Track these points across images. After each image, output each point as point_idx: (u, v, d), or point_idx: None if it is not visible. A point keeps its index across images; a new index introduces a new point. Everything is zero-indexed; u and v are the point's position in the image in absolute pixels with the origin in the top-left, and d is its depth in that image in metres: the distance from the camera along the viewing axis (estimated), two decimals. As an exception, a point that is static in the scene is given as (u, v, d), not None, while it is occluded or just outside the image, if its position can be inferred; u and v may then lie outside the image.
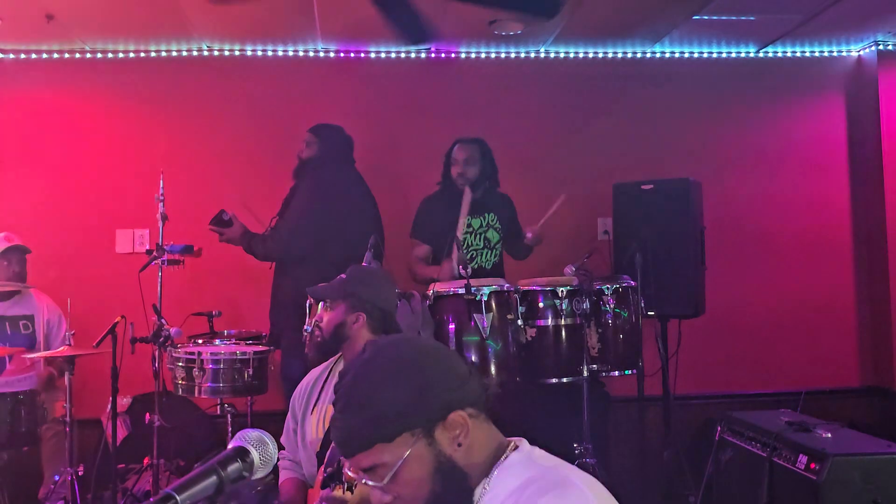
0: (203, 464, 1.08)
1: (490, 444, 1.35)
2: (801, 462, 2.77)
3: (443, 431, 1.29)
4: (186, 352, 3.68)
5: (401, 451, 1.27)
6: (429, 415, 1.28)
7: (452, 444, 1.29)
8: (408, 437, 1.27)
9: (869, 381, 5.20)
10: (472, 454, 1.32)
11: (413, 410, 1.27)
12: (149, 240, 4.67)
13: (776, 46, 5.15)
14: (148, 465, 3.92)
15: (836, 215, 5.25)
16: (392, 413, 1.26)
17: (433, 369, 1.31)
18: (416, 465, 1.28)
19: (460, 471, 1.30)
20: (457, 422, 1.29)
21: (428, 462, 1.28)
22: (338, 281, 2.68)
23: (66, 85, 4.92)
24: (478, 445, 1.32)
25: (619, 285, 3.70)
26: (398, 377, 1.29)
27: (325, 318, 2.64)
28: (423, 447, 1.28)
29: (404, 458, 1.27)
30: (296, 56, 5.03)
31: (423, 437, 1.27)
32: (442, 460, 1.29)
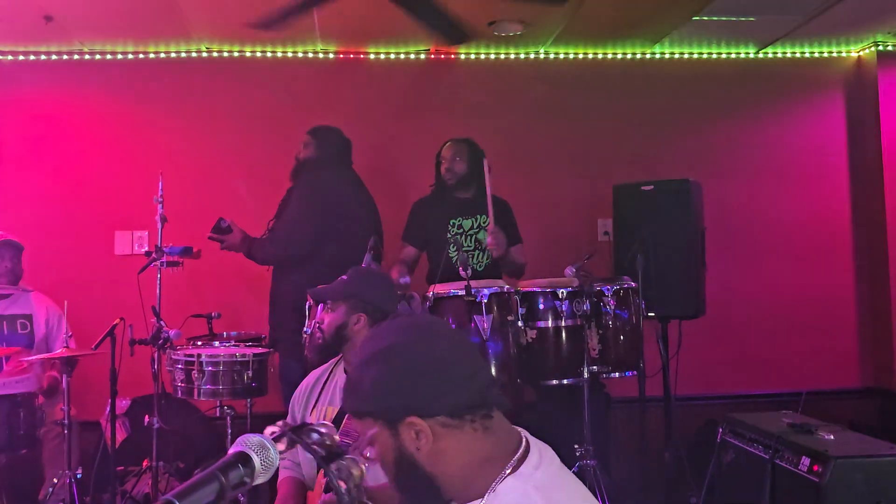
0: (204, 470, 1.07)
1: (473, 458, 1.29)
2: (803, 464, 2.76)
3: (404, 430, 1.29)
4: (186, 354, 3.67)
5: (366, 432, 1.33)
6: (388, 412, 1.29)
7: (412, 445, 1.29)
8: (369, 422, 1.32)
9: (869, 381, 5.20)
10: (441, 462, 1.29)
11: (374, 402, 1.30)
12: (148, 241, 4.66)
13: (776, 47, 5.15)
14: (147, 468, 3.90)
15: (836, 216, 5.25)
16: (362, 393, 1.32)
17: (412, 370, 1.29)
18: (382, 446, 1.32)
19: (423, 472, 1.29)
20: (413, 427, 1.28)
21: (389, 450, 1.31)
22: (339, 282, 2.68)
23: (64, 86, 4.91)
24: (452, 455, 1.29)
25: (619, 286, 3.68)
26: (376, 361, 1.31)
27: (325, 320, 2.64)
28: (387, 435, 1.30)
29: (371, 433, 1.32)
30: (295, 57, 5.02)
31: (386, 427, 1.30)
32: (403, 454, 1.30)
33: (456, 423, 1.28)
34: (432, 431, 1.28)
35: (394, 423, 1.29)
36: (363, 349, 1.36)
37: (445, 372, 1.30)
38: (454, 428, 1.28)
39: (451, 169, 4.13)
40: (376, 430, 1.31)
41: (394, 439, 1.30)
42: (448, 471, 1.30)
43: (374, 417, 1.31)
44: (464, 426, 1.29)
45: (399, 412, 1.28)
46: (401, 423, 1.28)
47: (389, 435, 1.30)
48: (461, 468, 1.29)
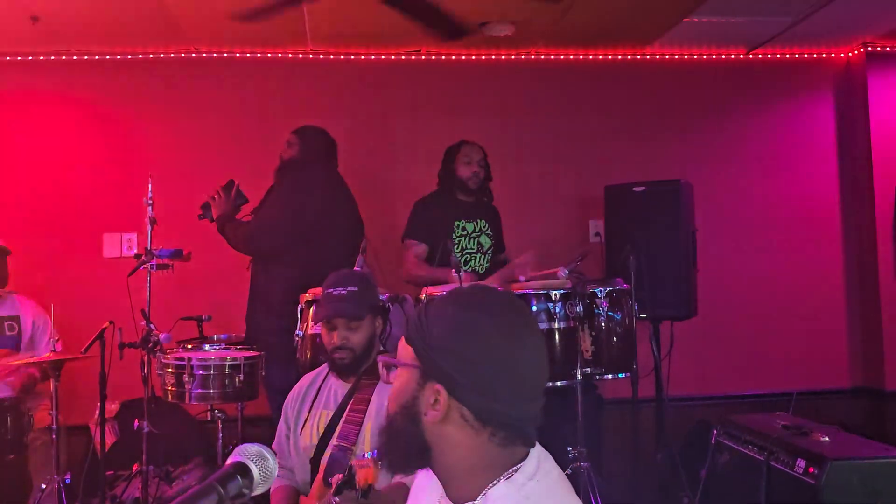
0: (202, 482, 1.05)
1: (474, 460, 1.26)
2: (798, 466, 2.75)
3: (430, 390, 1.26)
4: (176, 357, 3.63)
5: (401, 357, 1.32)
6: (430, 363, 1.26)
7: (425, 406, 1.27)
8: (410, 355, 1.30)
9: (859, 381, 5.22)
10: (442, 443, 1.27)
11: (428, 348, 1.27)
12: (137, 244, 4.62)
13: (766, 48, 5.16)
14: (137, 472, 3.86)
15: (825, 216, 5.27)
16: (424, 330, 1.28)
17: (482, 353, 1.24)
18: (400, 380, 1.31)
19: (420, 435, 1.27)
20: (436, 394, 1.25)
21: (405, 391, 1.29)
22: (356, 295, 2.60)
23: (52, 87, 4.87)
24: (453, 445, 1.26)
25: (612, 288, 3.67)
26: (464, 320, 1.26)
27: (352, 336, 2.58)
28: (413, 377, 1.28)
29: (396, 361, 1.32)
30: (285, 58, 4.99)
31: (415, 370, 1.28)
32: (413, 405, 1.28)
33: (476, 424, 1.25)
34: (448, 412, 1.25)
35: (426, 376, 1.27)
36: (460, 296, 1.33)
37: (507, 379, 1.24)
38: (470, 426, 1.25)
39: (479, 175, 4.13)
40: (409, 365, 1.29)
41: (416, 386, 1.28)
42: (446, 459, 1.27)
43: (417, 356, 1.28)
44: (482, 432, 1.25)
45: (436, 372, 1.26)
46: (429, 381, 1.26)
47: (416, 380, 1.28)
48: (459, 462, 1.27)
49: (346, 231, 4.00)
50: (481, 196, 4.23)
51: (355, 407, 2.50)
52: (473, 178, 4.14)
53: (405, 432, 1.27)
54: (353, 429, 2.46)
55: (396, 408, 1.30)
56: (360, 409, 2.48)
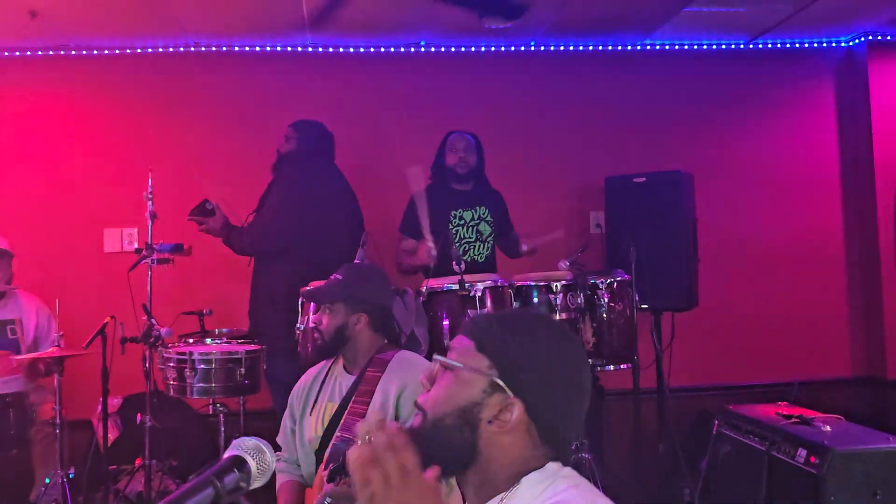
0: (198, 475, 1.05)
1: (519, 464, 1.28)
2: (800, 456, 2.75)
3: (498, 399, 1.26)
4: (177, 352, 3.64)
5: (470, 362, 1.28)
6: (509, 378, 1.26)
7: (489, 414, 1.26)
8: (484, 364, 1.28)
9: (861, 370, 5.21)
10: (496, 448, 1.27)
11: (508, 361, 1.27)
12: (137, 239, 4.61)
13: (766, 38, 5.14)
14: (140, 466, 3.87)
15: (826, 206, 5.25)
16: (504, 343, 1.29)
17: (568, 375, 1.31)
18: (461, 384, 1.28)
19: (472, 439, 1.26)
20: (510, 409, 1.26)
21: (466, 395, 1.27)
22: (334, 282, 2.63)
23: (51, 82, 4.85)
24: (507, 450, 1.27)
25: (613, 279, 3.68)
26: (538, 344, 1.30)
27: (324, 321, 2.60)
28: (479, 384, 1.27)
29: (462, 365, 1.28)
30: (284, 52, 4.98)
31: (487, 379, 1.27)
32: (473, 411, 1.26)
33: (538, 441, 1.28)
34: (515, 427, 1.26)
35: (500, 386, 1.26)
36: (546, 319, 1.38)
37: (578, 405, 1.31)
38: (531, 440, 1.28)
39: (465, 160, 4.13)
40: (482, 373, 1.27)
41: (480, 393, 1.27)
42: (490, 465, 1.28)
43: (498, 367, 1.27)
44: (538, 448, 1.28)
45: (518, 387, 1.26)
46: (500, 392, 1.26)
47: (481, 387, 1.27)
48: (502, 469, 1.28)
49: (346, 225, 3.99)
50: (478, 183, 4.22)
51: (359, 399, 2.50)
52: (461, 164, 4.14)
53: (457, 435, 1.26)
54: (357, 420, 2.46)
55: (449, 409, 1.27)
56: (364, 401, 2.49)
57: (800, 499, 2.74)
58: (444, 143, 4.21)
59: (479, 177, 4.24)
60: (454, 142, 4.19)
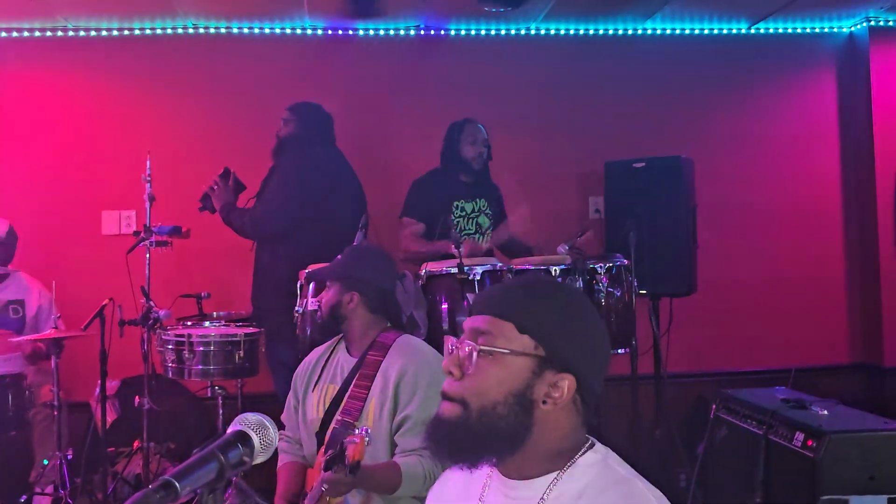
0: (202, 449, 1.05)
1: (568, 436, 1.30)
2: (797, 439, 2.76)
3: (549, 377, 1.26)
4: (176, 334, 3.64)
5: (514, 345, 1.26)
6: (556, 354, 1.26)
7: (541, 393, 1.26)
8: (529, 344, 1.26)
9: (858, 357, 5.23)
10: (548, 425, 1.27)
11: (552, 337, 1.27)
12: (136, 221, 4.61)
13: (768, 23, 5.12)
14: (138, 449, 3.89)
15: (826, 192, 5.25)
16: (543, 319, 1.27)
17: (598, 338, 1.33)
18: (508, 369, 1.26)
19: (527, 421, 1.26)
20: (562, 385, 1.26)
21: (516, 379, 1.26)
22: (333, 262, 2.68)
23: (49, 64, 4.82)
24: (558, 425, 1.28)
25: (612, 264, 3.67)
26: (572, 313, 1.30)
27: (322, 299, 2.65)
28: (527, 365, 1.26)
29: (510, 349, 1.26)
30: (283, 34, 4.95)
31: (535, 359, 1.26)
32: (525, 394, 1.26)
33: (582, 409, 1.30)
34: (567, 402, 1.27)
35: (547, 365, 1.26)
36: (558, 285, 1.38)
37: (606, 365, 1.34)
38: (577, 410, 1.29)
39: (482, 155, 4.12)
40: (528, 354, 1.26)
41: (531, 374, 1.26)
42: (541, 441, 1.28)
43: (542, 344, 1.26)
44: (581, 415, 1.30)
45: (565, 363, 1.27)
46: (549, 370, 1.26)
47: (530, 368, 1.26)
48: (552, 443, 1.28)
49: (349, 208, 3.98)
50: (481, 175, 4.22)
51: (360, 383, 2.50)
52: (478, 159, 4.12)
53: (512, 422, 1.25)
54: (356, 404, 2.47)
55: (500, 396, 1.25)
56: (364, 384, 2.49)
57: (797, 482, 2.75)
58: (461, 131, 4.14)
59: (485, 169, 4.23)
60: (473, 133, 4.13)
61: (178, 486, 0.99)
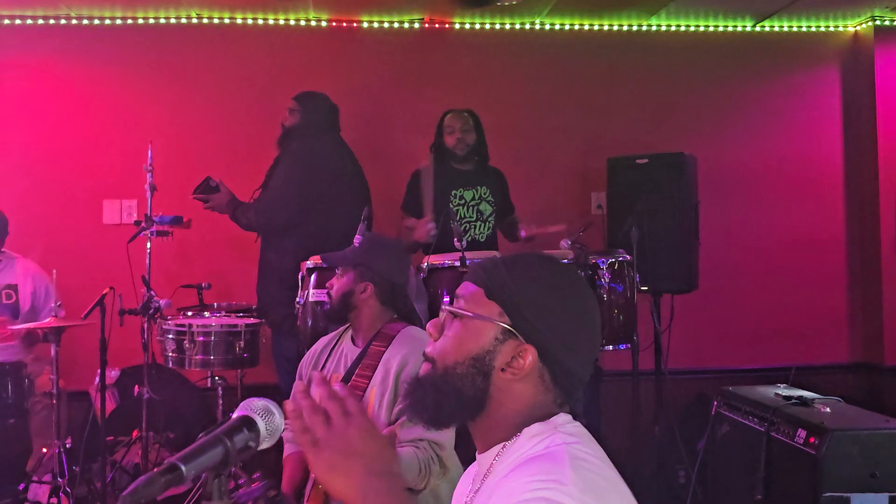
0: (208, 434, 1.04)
1: (529, 411, 1.27)
2: (799, 436, 2.75)
3: (512, 346, 1.26)
4: (176, 324, 3.63)
5: (480, 310, 1.28)
6: (522, 324, 1.26)
7: (502, 362, 1.26)
8: (494, 310, 1.27)
9: (858, 356, 5.22)
10: (507, 395, 1.27)
11: (520, 307, 1.27)
12: (137, 210, 4.60)
13: (773, 21, 5.10)
14: (137, 438, 3.88)
15: (829, 192, 5.24)
16: (514, 289, 1.28)
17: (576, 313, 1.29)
18: (472, 332, 1.28)
19: (485, 387, 1.26)
20: (523, 354, 1.26)
21: (477, 343, 1.27)
22: (350, 249, 2.67)
23: (51, 52, 4.80)
24: (518, 397, 1.27)
25: (614, 259, 3.67)
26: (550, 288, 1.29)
27: (334, 285, 2.62)
28: (490, 332, 1.27)
29: (473, 313, 1.28)
30: (287, 25, 4.93)
31: (498, 327, 1.26)
32: (485, 359, 1.26)
33: (550, 385, 1.28)
34: (529, 373, 1.26)
35: (511, 334, 1.26)
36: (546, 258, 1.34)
37: (589, 343, 1.31)
38: (543, 385, 1.28)
39: (464, 140, 4.13)
40: (492, 320, 1.26)
41: (492, 340, 1.27)
42: (501, 411, 1.27)
43: (507, 313, 1.27)
44: (550, 392, 1.28)
45: (530, 333, 1.26)
46: (512, 339, 1.26)
47: (493, 335, 1.27)
48: (513, 416, 1.27)
49: (353, 198, 3.96)
50: (480, 162, 4.21)
51: (361, 373, 2.50)
52: (459, 145, 4.13)
53: (469, 384, 1.26)
54: (357, 394, 2.46)
55: (460, 358, 1.27)
56: (365, 374, 2.49)
57: (798, 479, 2.75)
58: (441, 123, 4.19)
59: (479, 155, 4.23)
60: (451, 122, 4.17)
61: (183, 469, 0.98)
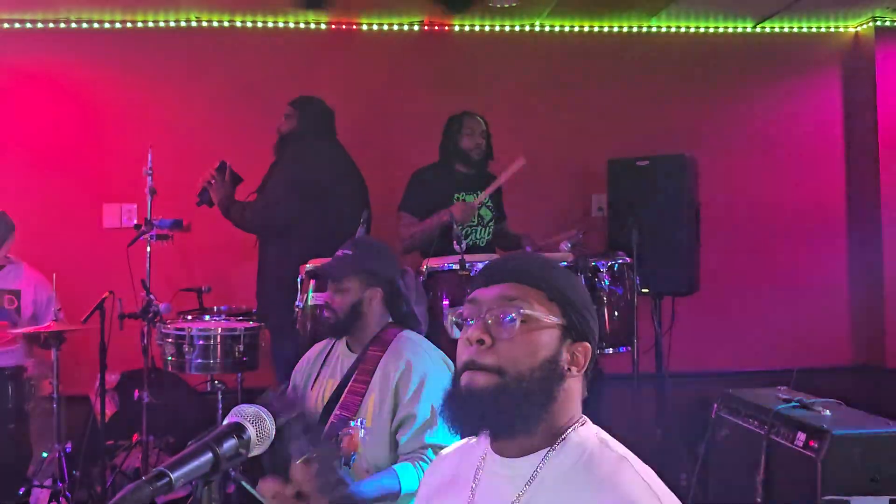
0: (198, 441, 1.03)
1: (573, 407, 1.31)
2: (799, 439, 2.75)
3: (569, 346, 1.30)
4: (176, 328, 3.63)
5: (549, 311, 1.29)
6: (576, 323, 1.30)
7: (566, 362, 1.29)
8: (557, 311, 1.29)
9: (861, 358, 5.20)
10: (569, 394, 1.30)
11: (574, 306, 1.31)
12: (137, 214, 4.60)
13: (773, 22, 5.09)
14: (137, 442, 3.89)
15: (830, 192, 5.23)
16: (565, 288, 1.32)
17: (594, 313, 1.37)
18: (544, 335, 1.28)
19: (557, 388, 1.27)
20: (580, 353, 1.30)
21: (549, 345, 1.28)
22: (347, 257, 2.56)
23: (52, 56, 4.80)
24: (575, 395, 1.31)
25: (614, 262, 3.65)
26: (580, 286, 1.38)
27: (336, 299, 2.52)
28: (556, 332, 1.29)
29: (545, 318, 1.28)
30: (286, 28, 4.94)
31: (563, 326, 1.29)
32: (557, 360, 1.28)
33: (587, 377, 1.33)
34: (583, 370, 1.31)
35: (570, 334, 1.30)
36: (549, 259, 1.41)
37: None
38: (585, 378, 1.33)
39: (481, 146, 4.11)
40: (555, 324, 1.28)
41: (558, 342, 1.29)
42: (558, 412, 1.28)
43: (564, 314, 1.30)
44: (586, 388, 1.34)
45: (584, 332, 1.31)
46: (570, 339, 1.30)
47: (558, 337, 1.29)
48: (565, 414, 1.30)
49: (351, 203, 3.96)
50: (482, 168, 4.21)
51: (359, 378, 2.48)
52: (476, 150, 4.11)
53: (546, 388, 1.27)
54: (355, 399, 2.45)
55: (535, 363, 1.26)
56: (364, 379, 2.47)
57: (798, 482, 2.74)
58: (461, 123, 4.14)
59: (485, 160, 4.22)
60: (472, 125, 4.13)
61: (171, 477, 0.97)
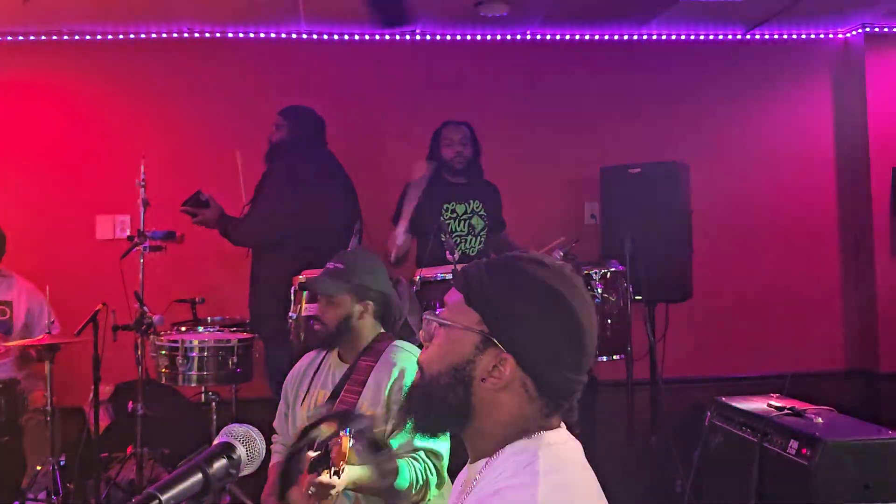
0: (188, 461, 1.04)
1: (515, 422, 1.25)
2: (791, 447, 2.75)
3: (491, 356, 1.24)
4: (170, 340, 3.63)
5: (460, 318, 1.26)
6: (501, 333, 1.23)
7: (483, 372, 1.24)
8: (474, 318, 1.25)
9: (854, 363, 5.22)
10: (491, 405, 1.24)
11: (499, 314, 1.24)
12: (130, 226, 4.60)
13: (763, 29, 5.12)
14: (131, 454, 3.87)
15: (822, 198, 5.25)
16: (493, 295, 1.25)
17: (557, 323, 1.24)
18: (453, 341, 1.26)
19: (466, 397, 1.24)
20: (503, 364, 1.23)
21: (458, 352, 1.25)
22: (335, 271, 2.56)
23: (44, 69, 4.81)
24: (502, 408, 1.24)
25: (607, 270, 3.66)
26: (532, 295, 1.25)
27: (326, 312, 2.54)
28: (471, 340, 1.25)
29: (452, 321, 1.26)
30: (278, 38, 4.94)
31: (479, 335, 1.24)
32: (466, 368, 1.24)
33: (534, 394, 1.24)
34: (510, 383, 1.23)
35: (491, 342, 1.23)
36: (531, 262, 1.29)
37: (575, 350, 1.25)
38: (527, 395, 1.24)
39: (462, 154, 4.11)
40: (471, 329, 1.24)
41: (473, 350, 1.24)
42: (486, 422, 1.25)
43: (485, 322, 1.24)
44: (535, 401, 1.24)
45: (507, 342, 1.23)
46: (492, 348, 1.23)
47: (473, 344, 1.24)
48: (498, 427, 1.25)
49: (343, 212, 3.97)
50: (474, 175, 4.21)
51: (351, 388, 2.49)
52: (458, 158, 4.13)
53: (450, 394, 1.25)
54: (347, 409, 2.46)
55: (443, 368, 1.26)
56: (355, 390, 2.48)
57: (791, 490, 2.74)
58: (439, 134, 4.18)
59: (474, 168, 4.22)
60: (450, 134, 4.15)
61: (162, 499, 0.98)
